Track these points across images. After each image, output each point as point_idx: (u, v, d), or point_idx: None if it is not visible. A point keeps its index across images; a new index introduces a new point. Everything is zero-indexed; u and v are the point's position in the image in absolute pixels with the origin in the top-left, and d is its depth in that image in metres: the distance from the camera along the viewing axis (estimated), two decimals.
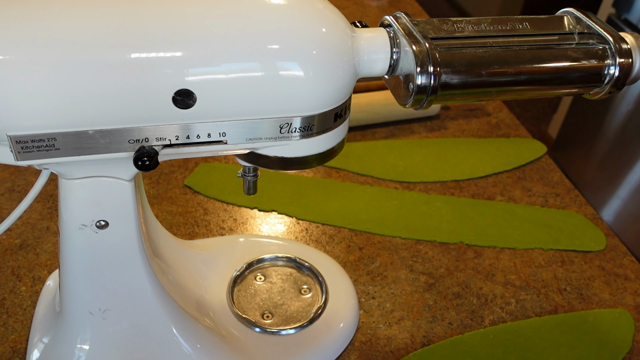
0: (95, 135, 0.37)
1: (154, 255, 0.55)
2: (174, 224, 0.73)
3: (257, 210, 0.77)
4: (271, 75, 0.37)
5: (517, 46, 0.42)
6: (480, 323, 0.64)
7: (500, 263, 0.71)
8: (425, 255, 0.72)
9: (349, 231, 0.74)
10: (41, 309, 0.59)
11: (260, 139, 0.40)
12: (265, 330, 0.59)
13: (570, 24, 0.45)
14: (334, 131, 0.42)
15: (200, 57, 0.36)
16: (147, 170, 0.38)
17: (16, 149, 0.36)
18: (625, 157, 1.65)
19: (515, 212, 0.79)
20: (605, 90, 0.44)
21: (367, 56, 0.41)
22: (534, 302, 0.67)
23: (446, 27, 0.42)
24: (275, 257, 0.67)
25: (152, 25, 0.36)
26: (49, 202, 0.75)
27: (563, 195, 0.82)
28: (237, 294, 0.62)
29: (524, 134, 0.94)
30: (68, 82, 0.35)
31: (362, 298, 0.66)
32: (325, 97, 0.39)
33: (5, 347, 0.58)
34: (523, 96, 0.44)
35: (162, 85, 0.36)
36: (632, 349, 0.62)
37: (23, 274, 0.65)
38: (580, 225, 0.77)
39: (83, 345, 0.51)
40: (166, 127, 0.38)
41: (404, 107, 0.42)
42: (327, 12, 0.39)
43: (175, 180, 0.80)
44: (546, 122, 2.35)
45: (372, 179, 0.82)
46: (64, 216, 0.44)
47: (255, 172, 0.49)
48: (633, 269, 0.72)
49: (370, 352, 0.60)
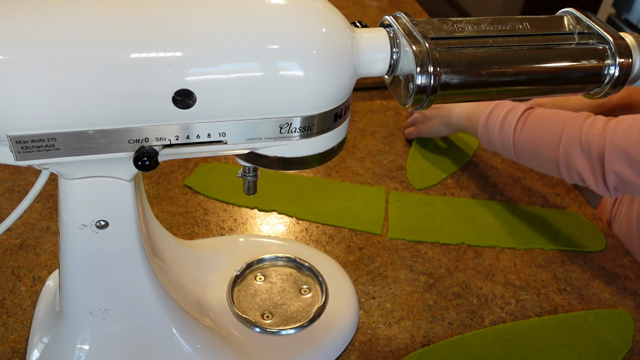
0: (95, 135, 0.37)
1: (154, 255, 0.55)
2: (174, 224, 0.73)
3: (257, 210, 0.77)
4: (271, 75, 0.37)
5: (517, 46, 0.42)
6: (480, 323, 0.64)
7: (500, 263, 0.71)
8: (425, 255, 0.72)
9: (349, 231, 0.74)
10: (41, 309, 0.59)
11: (260, 139, 0.40)
12: (265, 330, 0.59)
13: (570, 24, 0.45)
14: (334, 131, 0.42)
15: (200, 57, 0.36)
16: (147, 170, 0.38)
17: (16, 149, 0.36)
18: None
19: (515, 212, 0.79)
20: (605, 90, 0.44)
21: (367, 56, 0.41)
22: (534, 302, 0.67)
23: (446, 27, 0.42)
24: (275, 257, 0.67)
25: (152, 25, 0.36)
26: (49, 202, 0.75)
27: (563, 195, 0.82)
28: (237, 294, 0.62)
29: None
30: (68, 82, 0.35)
31: (362, 298, 0.66)
32: (325, 97, 0.39)
33: (5, 347, 0.58)
34: (523, 96, 0.44)
35: (162, 85, 0.36)
36: (632, 349, 0.62)
37: (23, 274, 0.65)
38: (580, 225, 0.77)
39: (83, 345, 0.51)
40: (166, 127, 0.38)
41: (404, 107, 0.42)
42: (327, 12, 0.39)
43: (175, 180, 0.80)
44: None
45: (372, 179, 0.82)
46: (64, 216, 0.44)
47: (255, 172, 0.49)
48: (633, 269, 0.72)
49: (370, 352, 0.60)
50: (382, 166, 0.85)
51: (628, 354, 0.62)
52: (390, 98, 1.01)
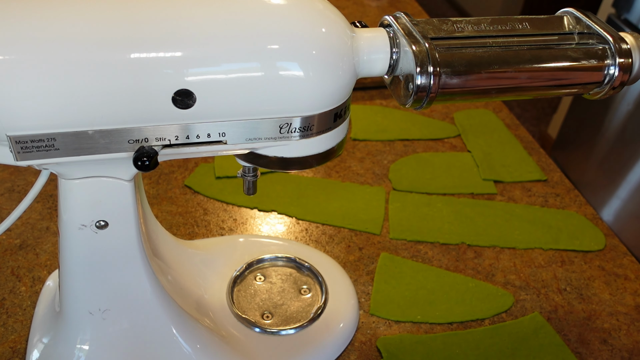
0: (95, 135, 0.37)
1: (154, 256, 0.55)
2: (174, 224, 0.73)
3: (257, 210, 0.77)
4: (271, 75, 0.37)
5: (517, 46, 0.42)
6: (480, 323, 0.64)
7: (500, 263, 0.71)
8: (425, 255, 0.72)
9: (348, 231, 0.74)
10: (41, 309, 0.59)
11: (260, 139, 0.40)
12: (265, 330, 0.59)
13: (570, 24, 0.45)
14: (333, 131, 0.42)
15: (200, 57, 0.36)
16: (147, 170, 0.38)
17: (16, 149, 0.36)
18: (625, 157, 1.65)
19: (515, 212, 0.79)
20: (605, 90, 0.44)
21: (367, 56, 0.41)
22: (534, 302, 0.67)
23: (446, 27, 0.42)
24: (275, 257, 0.67)
25: (152, 25, 0.36)
26: (49, 202, 0.75)
27: (563, 195, 0.82)
28: (237, 294, 0.62)
29: (523, 134, 0.94)
30: (68, 82, 0.35)
31: (362, 298, 0.66)
32: (325, 97, 0.39)
33: (5, 347, 0.58)
34: (523, 96, 0.44)
35: (162, 85, 0.36)
36: (633, 350, 0.62)
37: (23, 274, 0.65)
38: (580, 225, 0.77)
39: (83, 345, 0.51)
40: (166, 127, 0.38)
41: (404, 107, 0.42)
42: (327, 12, 0.39)
43: (175, 180, 0.80)
44: (546, 122, 2.35)
45: (372, 179, 0.83)
46: (63, 216, 0.44)
47: (255, 172, 0.49)
48: (633, 269, 0.72)
49: (370, 352, 0.60)
50: (382, 166, 0.85)
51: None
52: (390, 98, 1.01)
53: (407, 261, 0.70)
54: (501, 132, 0.94)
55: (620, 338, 0.63)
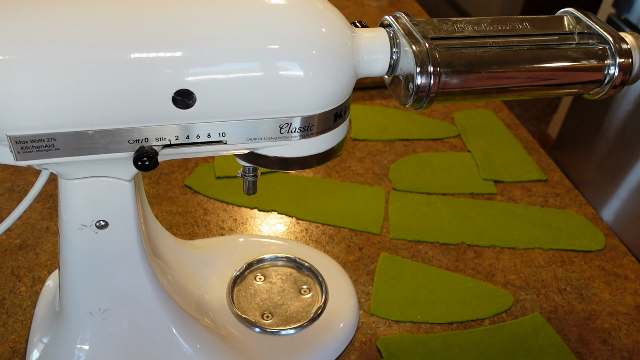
0: (95, 135, 0.37)
1: (154, 256, 0.55)
2: (174, 224, 0.73)
3: (257, 210, 0.77)
4: (271, 75, 0.37)
5: (517, 46, 0.42)
6: (480, 323, 0.64)
7: (500, 263, 0.71)
8: (425, 255, 0.72)
9: (348, 231, 0.74)
10: (41, 309, 0.59)
11: (260, 139, 0.40)
12: (265, 330, 0.59)
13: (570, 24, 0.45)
14: (333, 131, 0.42)
15: (200, 57, 0.36)
16: (147, 170, 0.38)
17: (16, 149, 0.36)
18: (625, 157, 1.65)
19: (515, 212, 0.79)
20: (605, 90, 0.44)
21: (367, 56, 0.41)
22: (534, 302, 0.67)
23: (446, 27, 0.42)
24: (275, 257, 0.67)
25: (152, 25, 0.36)
26: (49, 202, 0.75)
27: (563, 195, 0.82)
28: (237, 294, 0.62)
29: (523, 134, 0.94)
30: (68, 82, 0.35)
31: (362, 298, 0.66)
32: (325, 97, 0.39)
33: (5, 347, 0.58)
34: (523, 96, 0.44)
35: (162, 85, 0.36)
36: (633, 350, 0.62)
37: (23, 274, 0.65)
38: (580, 225, 0.77)
39: (83, 345, 0.51)
40: (166, 127, 0.38)
41: (404, 107, 0.42)
42: (327, 12, 0.39)
43: (175, 180, 0.80)
44: (546, 122, 2.35)
45: (372, 179, 0.83)
46: (63, 216, 0.44)
47: (255, 172, 0.49)
48: (633, 269, 0.72)
49: (370, 352, 0.60)
50: (382, 166, 0.85)
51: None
52: (390, 98, 1.01)
53: (407, 261, 0.70)
54: (501, 132, 0.94)
55: (620, 338, 0.63)
